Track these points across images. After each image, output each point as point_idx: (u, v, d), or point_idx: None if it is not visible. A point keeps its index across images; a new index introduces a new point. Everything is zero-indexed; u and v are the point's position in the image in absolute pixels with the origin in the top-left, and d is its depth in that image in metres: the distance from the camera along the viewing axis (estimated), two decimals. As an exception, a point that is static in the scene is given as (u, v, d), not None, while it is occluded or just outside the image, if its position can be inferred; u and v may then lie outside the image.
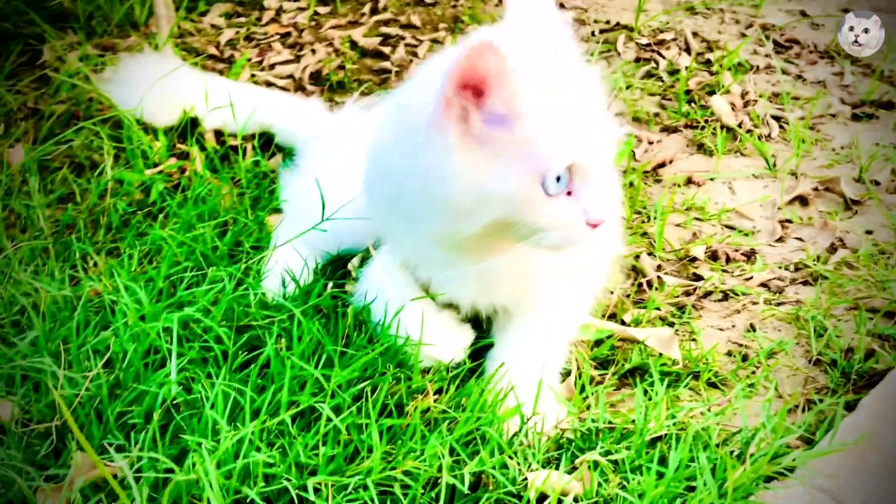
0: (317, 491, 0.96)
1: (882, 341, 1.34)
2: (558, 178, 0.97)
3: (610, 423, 1.13)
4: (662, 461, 1.06)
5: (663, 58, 2.35)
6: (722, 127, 1.99)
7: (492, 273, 1.08)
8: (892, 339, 1.33)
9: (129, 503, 0.91)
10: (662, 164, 1.88)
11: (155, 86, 1.74)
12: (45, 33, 2.14)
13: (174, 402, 1.04)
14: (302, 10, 2.63)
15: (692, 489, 1.01)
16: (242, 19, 2.56)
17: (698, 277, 1.53)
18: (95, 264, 1.42)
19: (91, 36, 2.24)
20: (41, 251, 1.45)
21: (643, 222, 1.68)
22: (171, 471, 0.93)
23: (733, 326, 1.43)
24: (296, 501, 0.95)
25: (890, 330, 1.34)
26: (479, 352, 1.24)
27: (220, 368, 1.09)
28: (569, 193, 0.99)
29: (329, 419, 1.01)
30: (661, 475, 1.03)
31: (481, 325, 1.25)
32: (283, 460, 0.97)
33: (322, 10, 2.62)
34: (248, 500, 0.94)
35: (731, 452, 1.10)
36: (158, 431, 1.00)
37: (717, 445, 1.11)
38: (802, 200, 1.75)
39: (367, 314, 1.23)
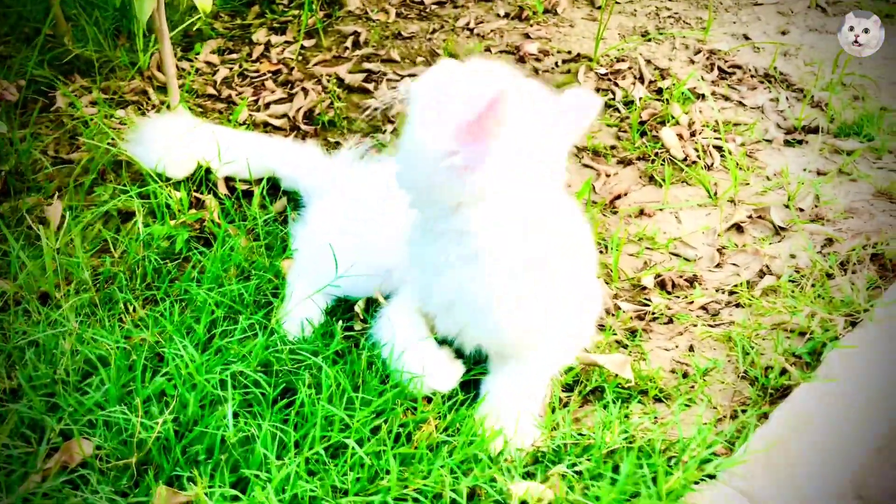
0: (348, 508, 1.24)
1: (796, 359, 1.64)
2: None
3: (575, 439, 1.42)
4: (616, 470, 1.35)
5: (620, 87, 2.62)
6: (670, 159, 2.27)
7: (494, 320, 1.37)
8: (802, 358, 1.62)
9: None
10: (619, 196, 2.15)
11: (167, 141, 1.98)
12: (54, 79, 2.37)
13: (230, 441, 1.30)
14: (289, 43, 2.86)
15: (638, 494, 1.30)
16: (234, 55, 2.79)
17: (647, 303, 1.81)
18: (135, 310, 1.67)
19: (96, 80, 2.46)
20: (88, 302, 1.70)
21: (601, 252, 1.95)
22: (237, 498, 1.21)
23: (676, 347, 1.71)
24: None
25: (801, 350, 1.63)
26: (474, 383, 1.52)
27: (262, 409, 1.36)
28: None
29: (354, 451, 1.29)
30: (614, 482, 1.32)
31: (477, 360, 1.53)
32: (322, 486, 1.24)
33: (307, 42, 2.85)
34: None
35: (670, 460, 1.39)
36: (218, 467, 1.27)
37: (660, 454, 1.39)
38: (739, 228, 2.04)
39: (379, 350, 1.51)
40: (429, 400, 1.43)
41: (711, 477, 1.34)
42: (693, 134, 2.39)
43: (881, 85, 2.66)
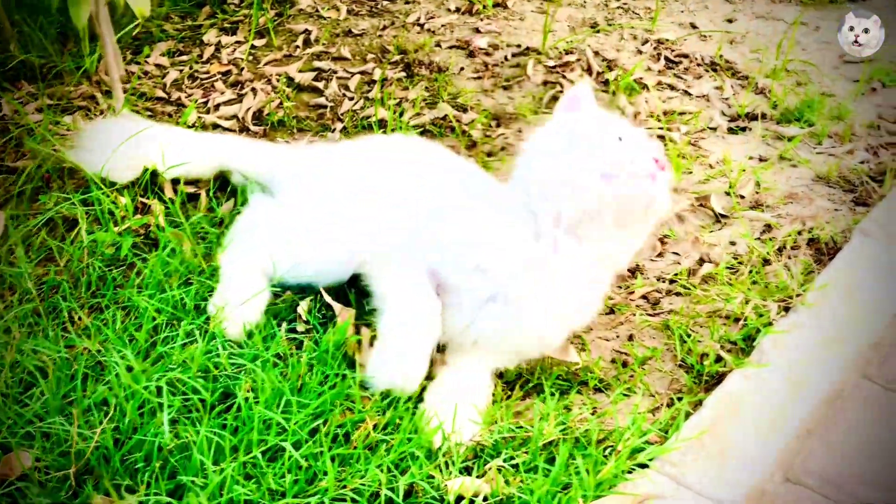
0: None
1: (732, 345, 1.68)
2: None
3: (513, 432, 1.44)
4: (552, 462, 1.38)
5: (568, 80, 2.64)
6: (616, 149, 2.30)
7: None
8: (737, 344, 1.66)
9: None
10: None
11: (113, 145, 1.97)
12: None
13: (168, 447, 1.32)
14: (240, 43, 2.85)
15: (570, 485, 1.33)
16: (185, 57, 2.78)
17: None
18: (80, 318, 1.67)
19: (42, 86, 2.44)
20: (31, 312, 1.70)
21: (547, 246, 1.98)
22: (171, 505, 1.22)
23: (617, 337, 1.74)
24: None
25: (735, 336, 1.67)
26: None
27: (200, 415, 1.37)
28: None
29: (291, 454, 1.30)
30: (549, 473, 1.35)
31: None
32: (259, 489, 1.26)
33: (258, 42, 2.85)
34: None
35: (606, 450, 1.42)
36: (156, 474, 1.28)
37: (596, 445, 1.42)
38: (680, 217, 2.07)
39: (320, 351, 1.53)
40: (367, 399, 1.46)
41: (644, 466, 1.38)
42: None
43: (823, 70, 2.70)
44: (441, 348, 1.56)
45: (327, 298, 1.68)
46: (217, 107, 2.53)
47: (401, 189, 1.66)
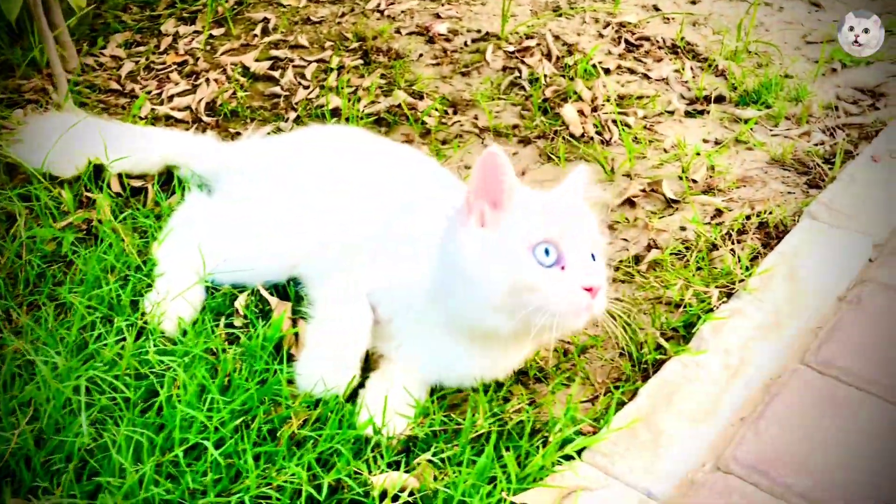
0: (207, 509, 1.25)
1: (674, 332, 1.66)
2: (546, 252, 1.28)
3: (445, 425, 1.43)
4: (482, 455, 1.36)
5: (526, 65, 2.61)
6: (571, 135, 2.28)
7: None
8: (678, 332, 1.64)
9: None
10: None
11: (59, 142, 1.95)
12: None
13: (88, 447, 1.30)
14: (198, 33, 2.82)
15: (495, 479, 1.31)
16: (141, 48, 2.75)
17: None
18: (18, 316, 1.65)
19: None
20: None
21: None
22: (87, 507, 1.21)
23: (560, 325, 1.72)
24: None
25: (675, 322, 1.65)
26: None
27: (123, 414, 1.35)
28: (562, 268, 1.29)
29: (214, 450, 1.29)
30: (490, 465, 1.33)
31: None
32: (178, 488, 1.25)
33: (217, 31, 2.82)
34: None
35: (541, 440, 1.40)
36: (75, 475, 1.26)
37: (528, 437, 1.40)
38: (631, 202, 2.05)
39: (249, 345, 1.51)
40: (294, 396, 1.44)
41: (572, 458, 1.36)
42: (595, 109, 2.39)
43: (785, 51, 2.68)
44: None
45: (264, 293, 1.66)
46: (171, 98, 2.50)
47: (333, 189, 1.64)
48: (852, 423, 1.39)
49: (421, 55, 2.68)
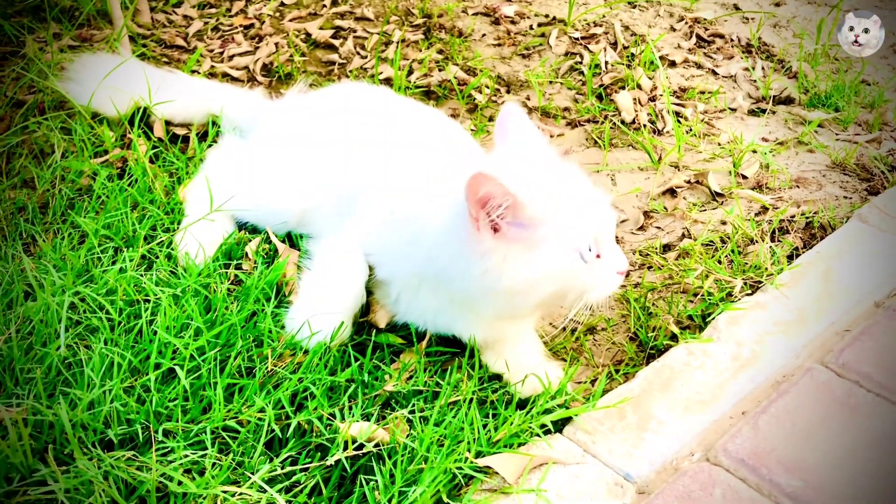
0: (170, 434, 1.23)
1: (690, 320, 1.56)
2: (589, 249, 1.26)
3: (428, 386, 1.38)
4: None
5: (589, 52, 2.54)
6: (622, 122, 2.19)
7: None
8: (694, 320, 1.54)
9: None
10: (558, 157, 2.08)
11: (106, 81, 1.99)
12: (26, 24, 2.41)
13: (67, 361, 1.31)
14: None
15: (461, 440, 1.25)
16: (213, 10, 2.80)
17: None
18: (44, 241, 1.69)
19: (68, 28, 2.50)
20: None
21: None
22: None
23: (576, 305, 1.64)
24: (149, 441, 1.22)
25: (692, 311, 1.55)
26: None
27: (106, 335, 1.36)
28: (597, 256, 1.28)
29: (185, 377, 1.27)
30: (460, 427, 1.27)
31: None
32: (143, 409, 1.24)
33: (288, 0, 2.85)
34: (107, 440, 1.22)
35: (524, 409, 1.33)
36: (52, 386, 1.27)
37: (518, 408, 1.34)
38: (672, 192, 1.95)
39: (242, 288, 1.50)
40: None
41: (551, 431, 1.29)
42: (653, 99, 2.30)
43: (870, 58, 2.52)
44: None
45: (273, 238, 1.65)
46: (231, 57, 2.53)
47: (343, 143, 1.63)
48: (860, 430, 1.27)
49: (484, 35, 2.64)
